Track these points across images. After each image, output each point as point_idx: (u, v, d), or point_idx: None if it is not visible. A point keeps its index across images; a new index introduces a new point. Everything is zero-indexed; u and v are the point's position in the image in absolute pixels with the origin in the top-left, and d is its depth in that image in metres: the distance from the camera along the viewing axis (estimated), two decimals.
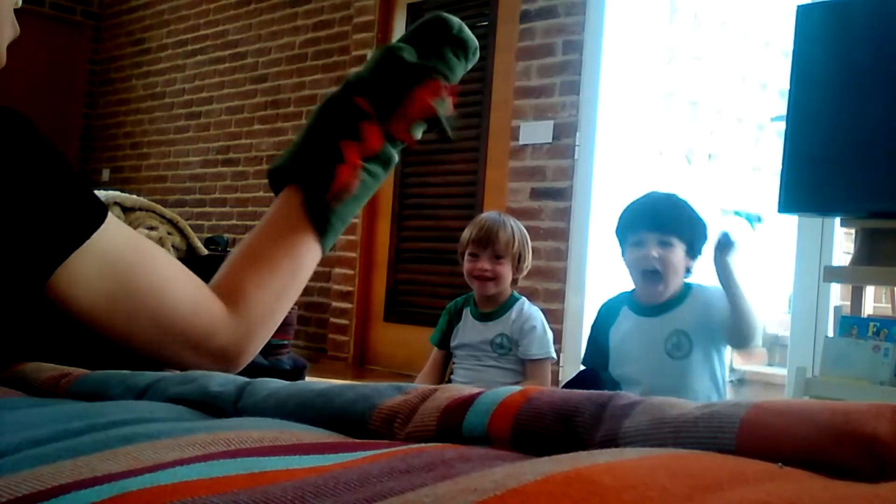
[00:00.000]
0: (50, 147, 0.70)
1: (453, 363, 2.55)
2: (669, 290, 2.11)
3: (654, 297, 2.12)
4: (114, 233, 0.73)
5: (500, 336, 2.41)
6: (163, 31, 6.05)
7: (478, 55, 0.95)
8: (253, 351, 0.82)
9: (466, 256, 2.45)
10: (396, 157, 0.91)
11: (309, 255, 0.85)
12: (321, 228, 0.85)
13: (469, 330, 2.48)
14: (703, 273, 2.24)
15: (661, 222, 2.09)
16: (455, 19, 0.92)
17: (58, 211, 0.68)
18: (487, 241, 2.41)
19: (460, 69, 0.93)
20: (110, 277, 0.72)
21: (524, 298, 2.51)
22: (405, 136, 0.89)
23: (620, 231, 2.19)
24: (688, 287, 2.16)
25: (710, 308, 2.08)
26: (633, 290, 2.21)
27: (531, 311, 2.44)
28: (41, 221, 0.67)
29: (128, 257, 0.73)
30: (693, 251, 2.14)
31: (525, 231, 2.51)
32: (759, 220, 2.06)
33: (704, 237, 2.15)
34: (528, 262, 2.49)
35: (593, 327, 2.31)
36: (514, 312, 2.42)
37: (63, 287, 0.69)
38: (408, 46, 0.90)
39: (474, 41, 0.94)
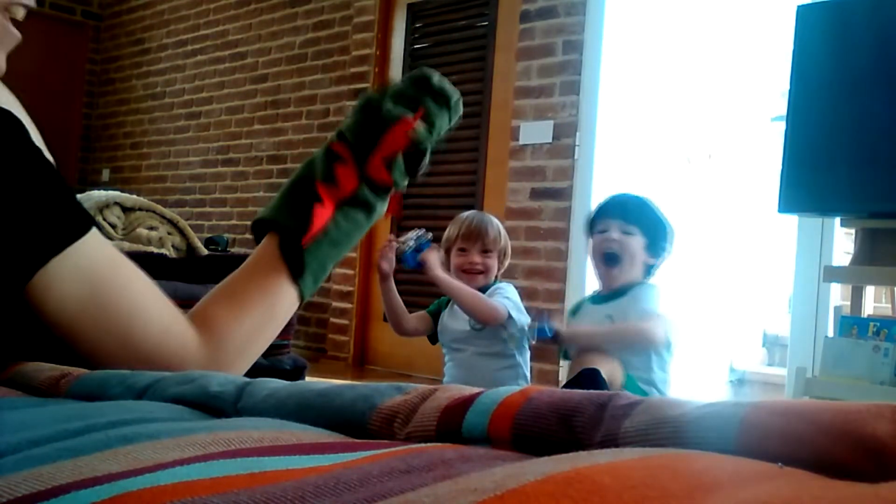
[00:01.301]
0: (39, 153, 0.71)
1: (444, 362, 2.62)
2: (625, 276, 2.26)
3: (611, 281, 2.29)
4: (95, 247, 0.74)
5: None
6: (163, 31, 6.05)
7: (461, 108, 0.97)
8: None
9: (455, 252, 2.56)
10: (379, 205, 0.92)
11: (284, 295, 0.86)
12: (295, 269, 0.86)
13: (453, 318, 2.58)
14: (666, 278, 2.39)
15: (624, 212, 2.27)
16: (435, 73, 0.94)
17: (40, 217, 0.69)
18: (477, 236, 2.52)
19: (443, 120, 0.95)
20: (83, 289, 0.72)
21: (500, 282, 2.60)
22: (380, 174, 0.90)
23: (589, 224, 2.37)
24: (642, 283, 2.29)
25: (635, 303, 2.22)
26: (597, 290, 2.40)
27: (501, 285, 2.55)
28: (23, 226, 0.68)
29: (104, 273, 0.74)
30: (653, 248, 2.28)
31: (495, 220, 2.63)
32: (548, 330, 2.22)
33: (665, 238, 2.29)
34: (509, 257, 2.63)
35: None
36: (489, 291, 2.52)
37: (39, 292, 0.70)
38: (387, 96, 0.93)
39: (455, 92, 0.96)
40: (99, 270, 0.74)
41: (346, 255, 0.95)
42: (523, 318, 2.46)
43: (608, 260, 2.27)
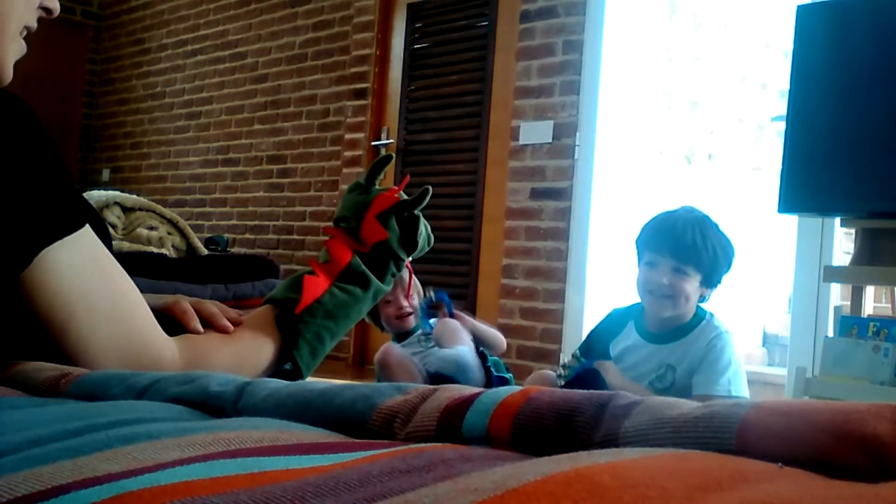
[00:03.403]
0: (47, 141, 0.71)
1: None
2: (675, 315, 2.04)
3: (658, 313, 2.05)
4: (88, 244, 0.74)
5: (424, 336, 2.66)
6: (163, 31, 6.05)
7: (431, 243, 1.06)
8: None
9: (381, 304, 2.63)
10: (375, 279, 0.96)
11: (269, 344, 0.91)
12: (288, 336, 0.91)
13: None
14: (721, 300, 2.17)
15: (679, 249, 1.99)
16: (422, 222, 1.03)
17: (40, 207, 0.70)
18: (396, 282, 2.56)
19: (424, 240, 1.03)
20: (81, 276, 0.73)
21: None
22: (374, 231, 0.95)
23: (640, 244, 2.11)
24: (699, 319, 2.07)
25: (707, 365, 2.01)
26: (642, 311, 2.15)
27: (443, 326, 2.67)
28: (22, 214, 0.69)
29: (102, 264, 0.75)
30: (710, 281, 2.04)
31: None
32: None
33: (727, 267, 2.06)
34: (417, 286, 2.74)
35: (597, 329, 2.27)
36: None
37: (36, 277, 0.70)
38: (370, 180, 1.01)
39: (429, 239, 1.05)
40: (97, 262, 0.75)
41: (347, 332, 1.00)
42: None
43: (656, 300, 2.03)
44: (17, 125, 0.69)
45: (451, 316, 2.57)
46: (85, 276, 0.74)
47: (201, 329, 0.87)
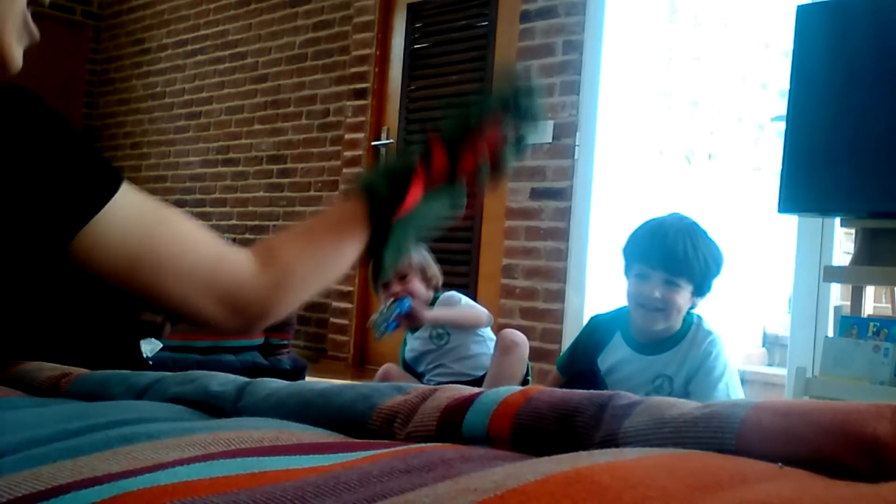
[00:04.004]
0: (59, 117, 0.72)
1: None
2: (667, 328, 2.01)
3: (650, 327, 2.01)
4: (131, 197, 0.75)
5: (433, 329, 2.65)
6: (163, 31, 6.05)
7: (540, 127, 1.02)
8: (276, 313, 0.82)
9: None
10: (461, 196, 0.95)
11: (354, 250, 0.88)
12: (379, 236, 0.88)
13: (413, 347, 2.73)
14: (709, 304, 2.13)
15: (671, 261, 1.95)
16: (533, 87, 0.97)
17: (75, 178, 0.70)
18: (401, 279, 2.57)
19: (529, 135, 0.98)
20: (131, 240, 0.73)
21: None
22: (470, 175, 0.94)
23: (628, 253, 2.07)
24: (688, 325, 2.04)
25: (703, 373, 1.98)
26: (629, 315, 2.08)
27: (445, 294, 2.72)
28: (60, 190, 0.69)
29: (146, 219, 0.75)
30: (701, 291, 2.01)
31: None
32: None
33: (717, 274, 2.01)
34: (434, 271, 2.70)
35: (580, 340, 2.20)
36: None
37: (85, 251, 0.71)
38: (487, 97, 0.96)
39: (542, 113, 0.99)
40: (141, 218, 0.75)
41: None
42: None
43: (647, 313, 1.98)
44: (31, 112, 0.70)
45: (408, 317, 2.51)
46: (136, 231, 0.74)
47: None
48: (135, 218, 0.74)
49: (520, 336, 2.49)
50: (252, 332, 0.84)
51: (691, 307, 2.03)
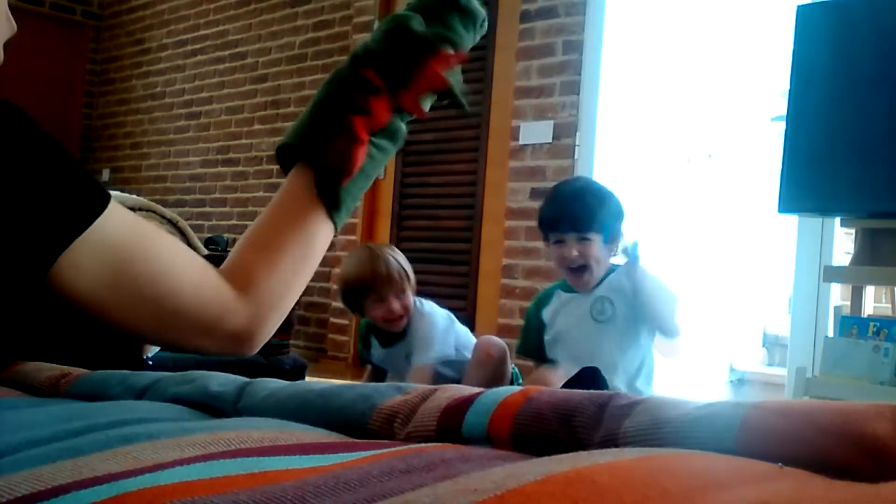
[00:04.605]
0: (47, 137, 0.70)
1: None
2: (595, 278, 2.24)
3: (584, 287, 2.25)
4: (116, 219, 0.72)
5: (408, 356, 2.45)
6: (163, 31, 6.05)
7: (486, 26, 0.94)
8: (267, 333, 0.81)
9: (369, 302, 2.41)
10: (405, 130, 0.89)
11: (321, 234, 0.84)
12: (332, 206, 0.83)
13: (380, 357, 2.56)
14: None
15: (577, 221, 2.21)
16: None
17: (58, 199, 0.68)
18: (387, 282, 2.38)
19: (469, 40, 0.92)
20: (112, 264, 0.71)
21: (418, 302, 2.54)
22: (415, 108, 0.87)
23: (542, 226, 2.31)
24: (612, 268, 2.28)
25: (624, 280, 2.21)
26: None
27: (424, 314, 2.49)
28: (42, 210, 0.67)
29: (130, 243, 0.73)
30: (612, 236, 2.25)
31: (390, 252, 2.50)
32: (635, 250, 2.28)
33: (620, 218, 2.27)
34: (412, 277, 2.49)
35: (527, 315, 2.41)
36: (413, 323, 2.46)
37: (64, 275, 0.69)
38: (416, 15, 0.88)
39: (481, 11, 0.93)
40: (124, 242, 0.72)
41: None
42: (445, 348, 2.44)
43: (574, 272, 2.23)
44: (17, 129, 0.69)
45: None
46: (116, 256, 0.72)
47: None
48: (117, 242, 0.72)
49: (496, 345, 2.37)
50: (241, 356, 0.81)
51: (612, 256, 2.29)
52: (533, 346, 2.31)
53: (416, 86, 0.86)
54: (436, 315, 2.51)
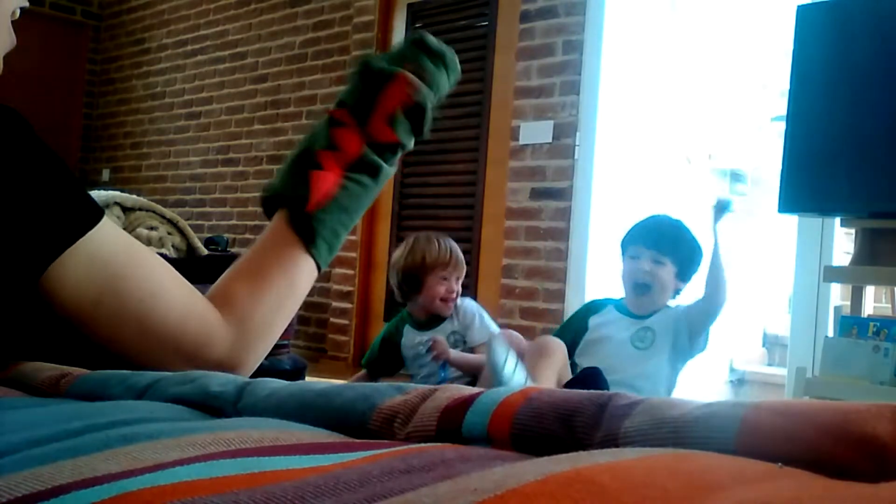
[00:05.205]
0: (46, 148, 0.71)
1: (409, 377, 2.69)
2: (655, 304, 2.32)
3: (639, 308, 2.33)
4: (108, 236, 0.73)
5: (452, 334, 2.58)
6: (163, 31, 6.05)
7: (458, 68, 0.96)
8: (252, 363, 0.82)
9: (436, 278, 2.52)
10: (387, 165, 0.90)
11: (301, 268, 0.85)
12: (307, 239, 0.85)
13: (414, 342, 2.63)
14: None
15: (657, 241, 2.31)
16: (428, 35, 0.94)
17: (52, 209, 0.69)
18: (457, 265, 2.54)
19: (441, 77, 0.94)
20: (100, 279, 0.72)
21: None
22: (384, 132, 0.89)
23: (623, 243, 2.40)
24: (668, 308, 2.36)
25: (679, 314, 2.29)
26: (624, 298, 2.41)
27: (467, 306, 2.62)
28: (35, 220, 0.68)
29: (119, 261, 0.73)
30: (683, 275, 2.34)
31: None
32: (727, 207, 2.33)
33: (697, 265, 2.35)
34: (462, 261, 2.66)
35: (575, 314, 2.53)
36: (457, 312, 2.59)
37: (54, 285, 0.70)
38: (380, 56, 0.93)
39: (449, 49, 0.95)
40: (113, 259, 0.73)
41: (356, 223, 0.93)
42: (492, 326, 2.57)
43: (638, 289, 2.31)
44: (16, 137, 0.69)
45: (435, 357, 2.47)
46: (105, 271, 0.72)
47: None
48: (107, 257, 0.72)
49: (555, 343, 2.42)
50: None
51: (676, 293, 2.37)
52: (567, 339, 2.37)
53: (377, 111, 0.89)
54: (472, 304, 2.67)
